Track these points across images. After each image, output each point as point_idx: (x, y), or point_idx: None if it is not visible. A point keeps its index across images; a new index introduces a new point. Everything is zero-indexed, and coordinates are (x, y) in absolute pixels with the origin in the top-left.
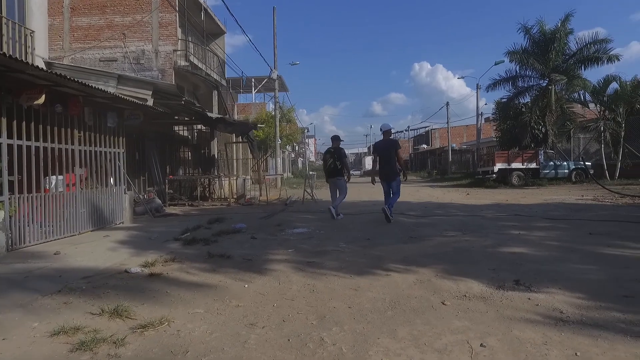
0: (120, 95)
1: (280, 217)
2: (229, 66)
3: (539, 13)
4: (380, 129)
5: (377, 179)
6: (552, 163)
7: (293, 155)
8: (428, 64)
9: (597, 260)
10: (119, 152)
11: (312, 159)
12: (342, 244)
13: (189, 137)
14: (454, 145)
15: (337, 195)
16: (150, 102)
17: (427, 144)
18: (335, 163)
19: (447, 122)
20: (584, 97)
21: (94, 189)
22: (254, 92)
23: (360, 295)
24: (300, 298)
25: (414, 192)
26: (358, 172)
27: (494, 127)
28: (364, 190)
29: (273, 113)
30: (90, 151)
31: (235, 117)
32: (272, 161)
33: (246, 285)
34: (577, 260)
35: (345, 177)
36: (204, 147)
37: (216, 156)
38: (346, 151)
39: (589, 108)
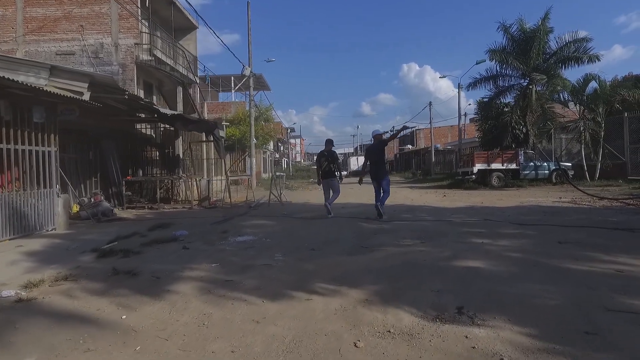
0: (41, 88)
1: (234, 222)
2: (203, 64)
3: (531, 12)
4: (372, 134)
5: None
6: (532, 164)
7: (277, 156)
8: (416, 65)
9: (560, 279)
10: (50, 151)
11: (299, 159)
12: (279, 256)
13: (153, 135)
14: (438, 145)
15: (331, 194)
16: (86, 96)
17: (412, 145)
18: (329, 165)
19: (430, 122)
20: (564, 96)
21: (17, 192)
22: (233, 91)
23: (259, 330)
24: (178, 336)
25: (392, 193)
26: (344, 173)
27: (476, 127)
28: (342, 192)
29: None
30: (10, 150)
31: (205, 115)
32: (251, 160)
33: (124, 317)
34: (538, 279)
35: (338, 178)
36: (169, 147)
37: (181, 156)
38: (339, 151)
39: (568, 108)
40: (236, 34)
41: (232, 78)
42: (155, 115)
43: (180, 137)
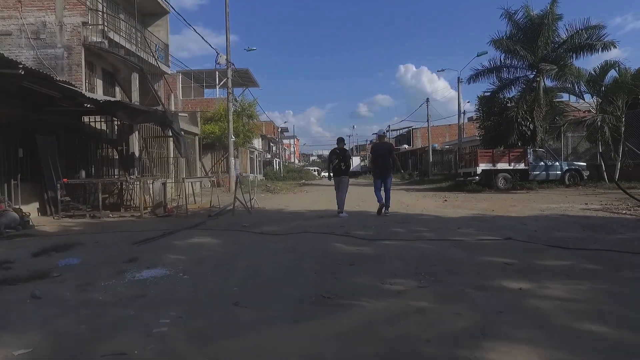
0: None
1: (165, 242)
2: (180, 60)
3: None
4: (377, 134)
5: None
6: (542, 163)
7: (269, 156)
8: (413, 66)
9: None
10: None
11: (293, 160)
12: (165, 322)
13: (106, 130)
14: (436, 145)
15: (340, 191)
16: None
17: (409, 144)
18: (340, 164)
19: (428, 120)
20: (579, 87)
21: None
22: (217, 86)
23: None
24: None
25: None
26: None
27: (477, 125)
28: (327, 196)
29: (234, 108)
30: None
31: (172, 107)
32: (235, 160)
33: None
34: None
35: (348, 177)
36: (122, 144)
37: (137, 154)
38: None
39: (584, 100)
40: (234, 34)
41: (217, 73)
42: (89, 105)
43: (136, 132)
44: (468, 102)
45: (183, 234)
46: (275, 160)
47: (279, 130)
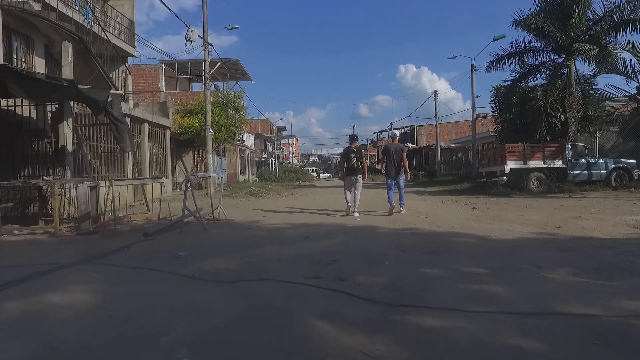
0: None
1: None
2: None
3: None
4: (390, 136)
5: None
6: (583, 161)
7: (264, 155)
8: (414, 66)
9: None
10: None
11: (292, 160)
12: None
13: (35, 117)
14: (442, 143)
15: (354, 191)
16: None
17: (413, 143)
18: (357, 163)
19: (435, 115)
20: (632, 65)
21: None
22: (204, 77)
23: None
24: None
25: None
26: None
27: (493, 119)
28: (322, 201)
29: (218, 99)
30: None
31: (130, 92)
32: (221, 159)
33: None
34: None
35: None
36: (52, 135)
37: (68, 148)
38: (335, 152)
39: (637, 81)
40: (234, 35)
41: (204, 63)
42: None
43: (68, 119)
44: (477, 96)
45: (61, 274)
46: (272, 160)
47: (275, 128)
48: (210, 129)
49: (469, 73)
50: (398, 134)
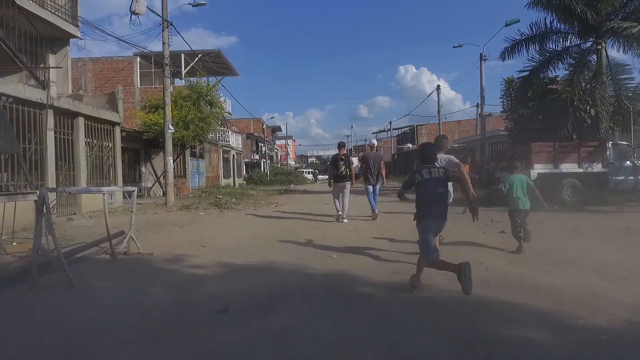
0: None
1: None
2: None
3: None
4: (368, 144)
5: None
6: (628, 164)
7: (256, 157)
8: (413, 67)
9: None
10: None
11: (288, 161)
12: None
13: None
14: None
15: (342, 197)
16: None
17: (413, 143)
18: (345, 170)
19: (439, 111)
20: None
21: None
22: (183, 71)
23: None
24: None
25: (391, 219)
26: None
27: (505, 116)
28: (308, 210)
29: (189, 93)
30: None
31: (47, 68)
32: (198, 161)
33: None
34: None
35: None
36: None
37: None
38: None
39: None
40: (234, 35)
41: (183, 56)
42: None
43: None
44: (479, 96)
45: None
46: (263, 162)
47: (266, 127)
48: (171, 126)
49: (477, 63)
50: (376, 143)
